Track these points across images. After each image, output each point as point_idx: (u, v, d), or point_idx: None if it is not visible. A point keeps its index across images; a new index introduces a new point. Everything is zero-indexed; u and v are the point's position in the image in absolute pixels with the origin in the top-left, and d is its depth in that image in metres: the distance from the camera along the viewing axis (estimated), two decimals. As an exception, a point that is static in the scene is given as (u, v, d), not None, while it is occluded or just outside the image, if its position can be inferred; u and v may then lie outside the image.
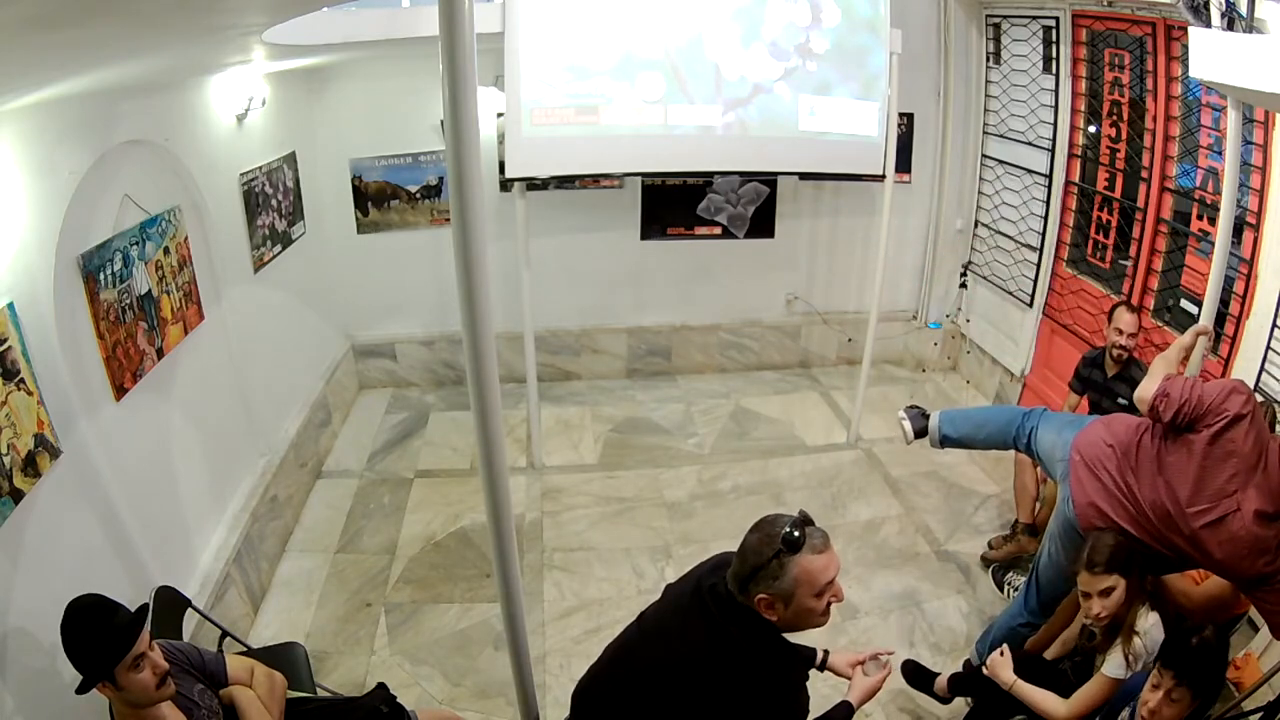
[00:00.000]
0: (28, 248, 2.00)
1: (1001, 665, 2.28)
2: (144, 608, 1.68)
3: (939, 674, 2.69)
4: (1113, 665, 2.07)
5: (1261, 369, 2.97)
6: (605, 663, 1.75)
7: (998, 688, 2.29)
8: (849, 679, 1.80)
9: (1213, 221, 3.14)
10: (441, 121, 1.18)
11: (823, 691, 1.86)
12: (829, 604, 1.52)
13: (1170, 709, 1.77)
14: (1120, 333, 3.22)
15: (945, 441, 2.97)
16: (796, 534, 1.47)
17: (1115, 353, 3.25)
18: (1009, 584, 3.26)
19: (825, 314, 5.37)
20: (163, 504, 2.72)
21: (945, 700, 2.66)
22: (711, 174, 4.65)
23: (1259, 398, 2.96)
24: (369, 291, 4.88)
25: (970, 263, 5.21)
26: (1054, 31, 4.12)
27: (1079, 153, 4.18)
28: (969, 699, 2.61)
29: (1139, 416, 3.25)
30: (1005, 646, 2.33)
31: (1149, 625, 2.07)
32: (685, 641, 1.57)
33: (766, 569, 1.47)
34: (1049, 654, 2.51)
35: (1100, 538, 2.15)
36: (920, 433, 3.00)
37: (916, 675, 2.75)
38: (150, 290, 2.66)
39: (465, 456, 4.35)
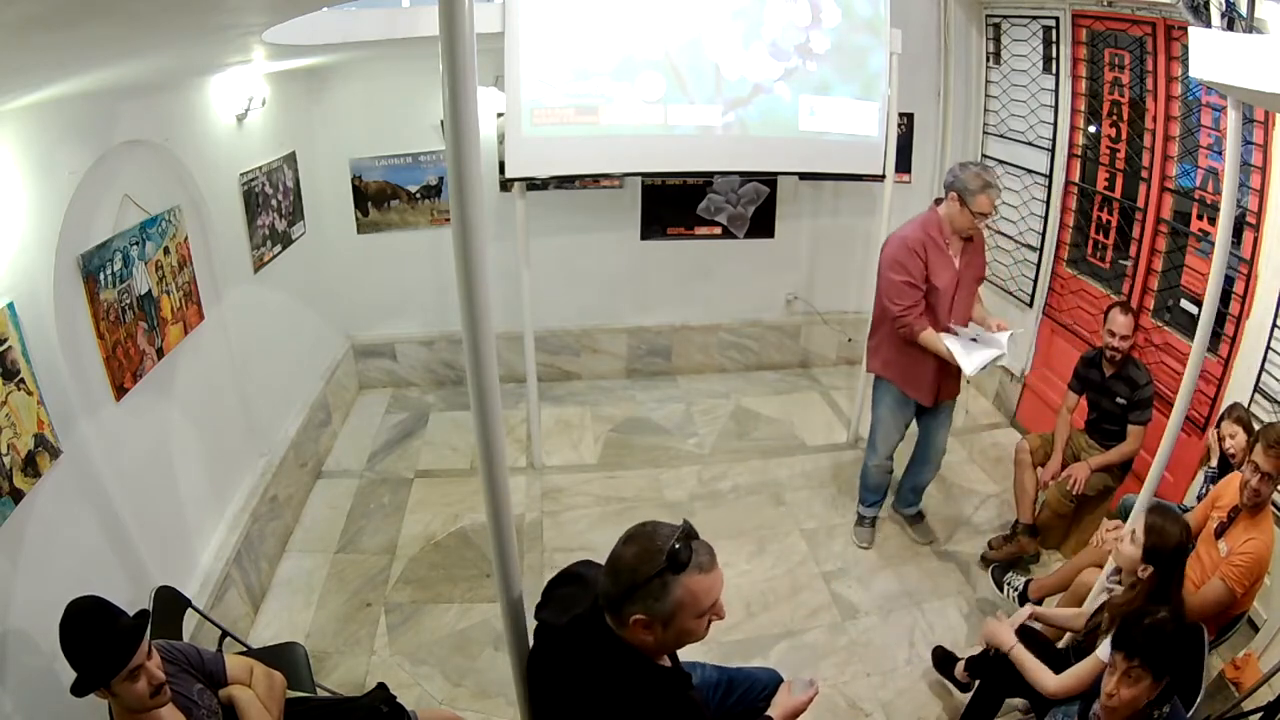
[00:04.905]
0: (28, 248, 2.00)
1: (1001, 629, 2.34)
2: (144, 615, 1.66)
3: (961, 658, 2.72)
4: (1105, 648, 2.09)
5: (1261, 369, 2.96)
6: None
7: (1003, 673, 2.33)
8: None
9: (1213, 221, 3.14)
10: (441, 121, 1.18)
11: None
12: (709, 622, 1.41)
13: (1129, 690, 1.76)
14: (1113, 334, 3.24)
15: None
16: (681, 549, 1.33)
17: (1109, 354, 3.27)
18: (1009, 584, 3.26)
19: (825, 314, 5.36)
20: (163, 504, 2.72)
21: (965, 687, 2.67)
22: (711, 174, 4.65)
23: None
24: (369, 291, 4.88)
25: (970, 263, 5.21)
26: (1054, 31, 4.12)
27: (1079, 153, 4.17)
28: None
29: (1132, 415, 3.28)
30: (1000, 614, 2.44)
31: None
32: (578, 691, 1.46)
33: (646, 588, 1.33)
34: (1062, 644, 2.55)
35: (1171, 519, 2.14)
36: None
37: (943, 661, 2.81)
38: (150, 290, 2.66)
39: (465, 456, 4.35)
